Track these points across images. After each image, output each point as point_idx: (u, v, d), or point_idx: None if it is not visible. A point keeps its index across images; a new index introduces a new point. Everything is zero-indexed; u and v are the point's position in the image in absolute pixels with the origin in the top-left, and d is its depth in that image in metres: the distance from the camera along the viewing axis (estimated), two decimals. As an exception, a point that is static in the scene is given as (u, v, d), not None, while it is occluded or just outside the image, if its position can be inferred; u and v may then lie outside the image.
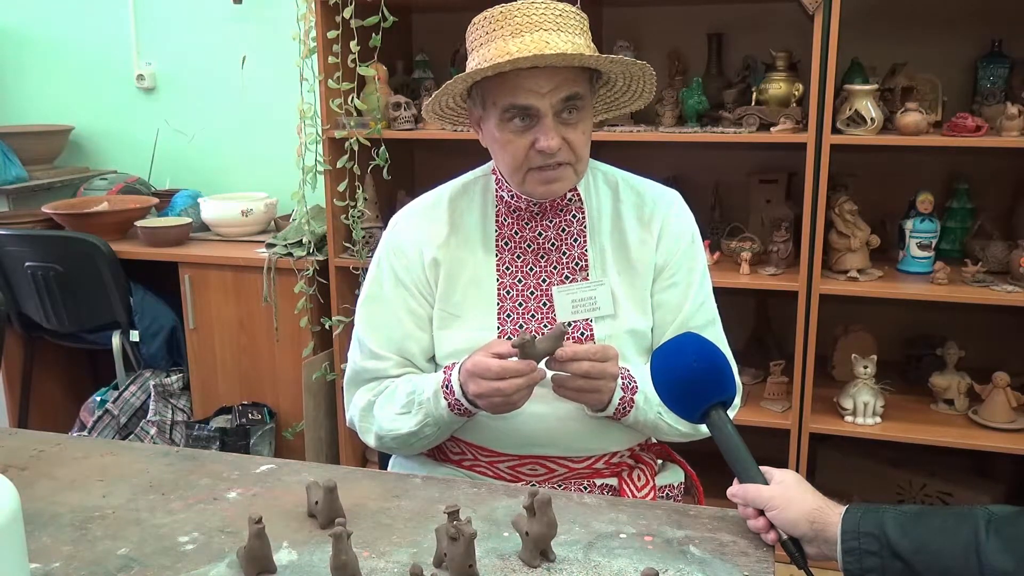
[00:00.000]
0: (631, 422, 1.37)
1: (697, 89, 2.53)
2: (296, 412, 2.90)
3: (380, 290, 1.47)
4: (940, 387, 2.51)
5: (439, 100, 1.39)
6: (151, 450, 1.45)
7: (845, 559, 1.04)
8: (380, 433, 1.43)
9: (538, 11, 1.29)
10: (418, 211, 1.50)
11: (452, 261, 1.44)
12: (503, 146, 1.35)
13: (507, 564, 1.08)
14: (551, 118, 1.30)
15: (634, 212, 1.46)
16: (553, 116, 1.31)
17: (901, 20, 2.63)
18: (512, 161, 1.35)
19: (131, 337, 2.98)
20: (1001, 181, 2.63)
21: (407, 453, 1.49)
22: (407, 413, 1.38)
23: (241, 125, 3.36)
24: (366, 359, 1.46)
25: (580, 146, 1.35)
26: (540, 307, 1.42)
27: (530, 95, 1.29)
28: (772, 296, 2.77)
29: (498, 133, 1.34)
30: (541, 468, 1.42)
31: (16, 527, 0.90)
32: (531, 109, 1.30)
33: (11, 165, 3.20)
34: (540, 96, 1.29)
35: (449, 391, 1.33)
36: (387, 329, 1.45)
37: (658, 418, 1.37)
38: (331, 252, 2.78)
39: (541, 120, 1.30)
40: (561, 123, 1.32)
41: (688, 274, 1.45)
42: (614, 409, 1.35)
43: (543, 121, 1.30)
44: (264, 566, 1.06)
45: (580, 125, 1.34)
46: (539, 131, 1.31)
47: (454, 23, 2.84)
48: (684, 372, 1.20)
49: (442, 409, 1.34)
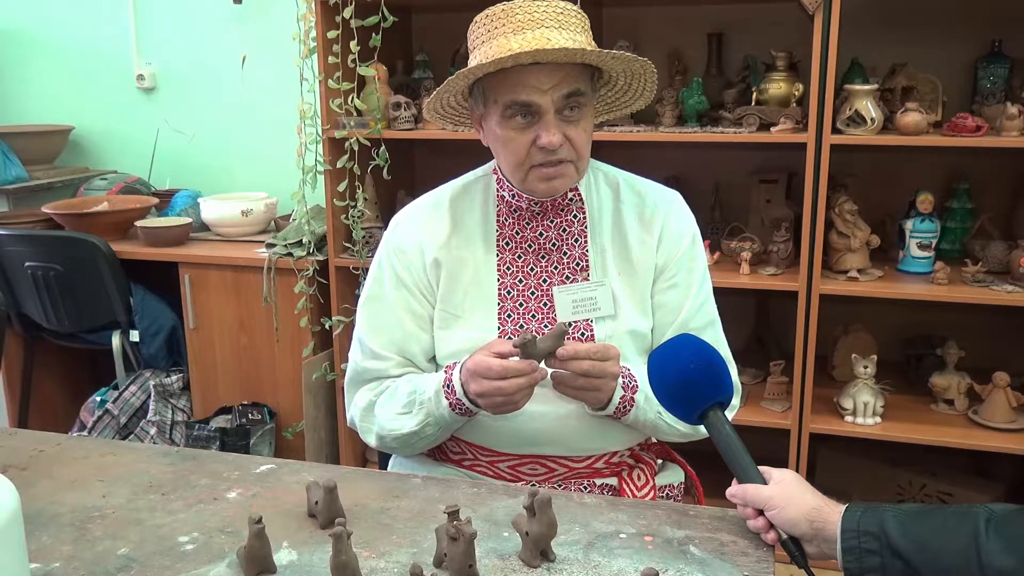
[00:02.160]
0: (631, 421, 1.37)
1: (697, 89, 2.53)
2: (296, 412, 2.90)
3: (381, 290, 1.47)
4: (940, 387, 2.51)
5: (440, 98, 1.39)
6: (151, 450, 1.45)
7: (845, 558, 1.04)
8: (381, 433, 1.43)
9: (540, 9, 1.30)
10: (419, 211, 1.50)
11: (453, 261, 1.44)
12: (505, 143, 1.35)
13: (507, 564, 1.08)
14: (553, 115, 1.30)
15: (635, 213, 1.46)
16: (555, 113, 1.31)
17: (901, 20, 2.63)
18: (514, 158, 1.35)
19: (131, 337, 2.98)
20: (1001, 181, 2.63)
21: (408, 453, 1.49)
22: (408, 413, 1.38)
23: (241, 125, 3.36)
24: (367, 359, 1.46)
25: (581, 144, 1.34)
26: (541, 307, 1.42)
27: (532, 91, 1.29)
28: (772, 296, 2.77)
29: (500, 130, 1.34)
30: (541, 468, 1.42)
31: (16, 527, 0.90)
32: (533, 106, 1.30)
33: (11, 165, 3.21)
34: (542, 93, 1.29)
35: (450, 391, 1.33)
36: (388, 329, 1.45)
37: (658, 418, 1.37)
38: (331, 252, 2.78)
39: (543, 117, 1.31)
40: (563, 120, 1.32)
41: (688, 275, 1.46)
42: (614, 408, 1.35)
43: (545, 118, 1.30)
44: (264, 566, 1.06)
45: (582, 123, 1.34)
46: (541, 128, 1.31)
47: (454, 23, 2.84)
48: (681, 373, 1.20)
49: (443, 409, 1.34)
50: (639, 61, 1.35)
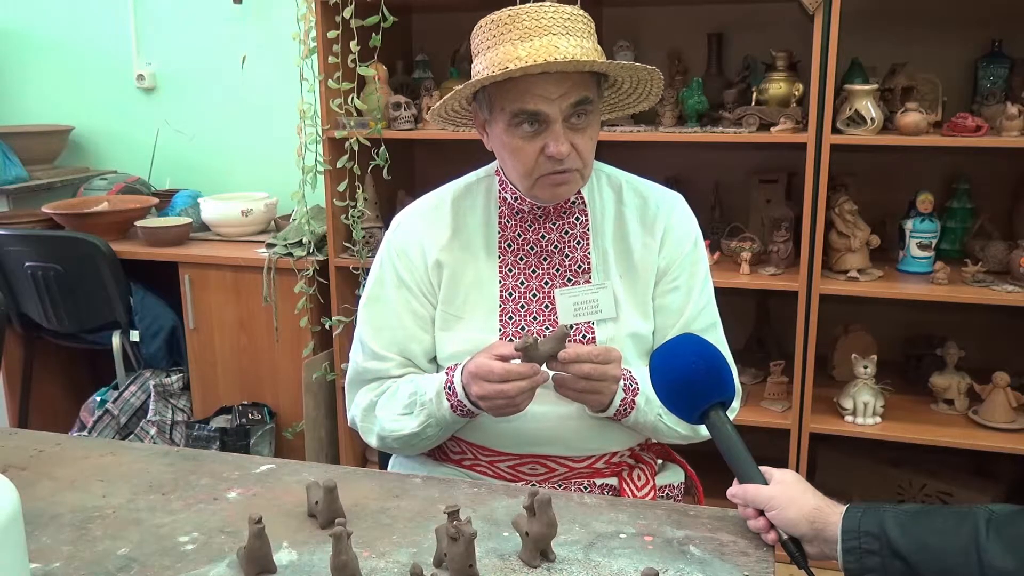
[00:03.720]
0: (631, 423, 1.38)
1: (697, 89, 2.53)
2: (296, 412, 2.90)
3: (382, 291, 1.47)
4: (940, 387, 2.51)
5: (446, 105, 1.38)
6: (151, 450, 1.45)
7: (845, 558, 1.04)
8: (382, 434, 1.43)
9: (547, 15, 1.28)
10: (421, 212, 1.50)
11: (455, 263, 1.44)
12: (512, 152, 1.34)
13: (507, 564, 1.08)
14: (560, 124, 1.30)
15: (637, 215, 1.46)
16: (563, 122, 1.30)
17: (901, 20, 2.63)
18: (522, 167, 1.34)
19: (131, 337, 2.98)
20: (1001, 181, 2.63)
21: (409, 453, 1.49)
22: (409, 414, 1.39)
23: (241, 125, 3.36)
24: (368, 360, 1.46)
25: (587, 152, 1.34)
26: (542, 309, 1.42)
27: (540, 101, 1.28)
28: (772, 296, 2.77)
29: (507, 138, 1.33)
30: (541, 467, 1.42)
31: (16, 527, 0.90)
32: (541, 115, 1.29)
33: (11, 165, 3.21)
34: (550, 102, 1.28)
35: (452, 392, 1.33)
36: (389, 330, 1.45)
37: (658, 420, 1.37)
38: (331, 252, 2.78)
39: (551, 126, 1.30)
40: (570, 128, 1.31)
41: (690, 278, 1.45)
42: (615, 411, 1.35)
43: (553, 127, 1.29)
44: (264, 566, 1.06)
45: (588, 130, 1.33)
46: (549, 137, 1.30)
47: (454, 23, 2.85)
48: (683, 372, 1.20)
49: (444, 410, 1.34)
50: (647, 70, 1.35)
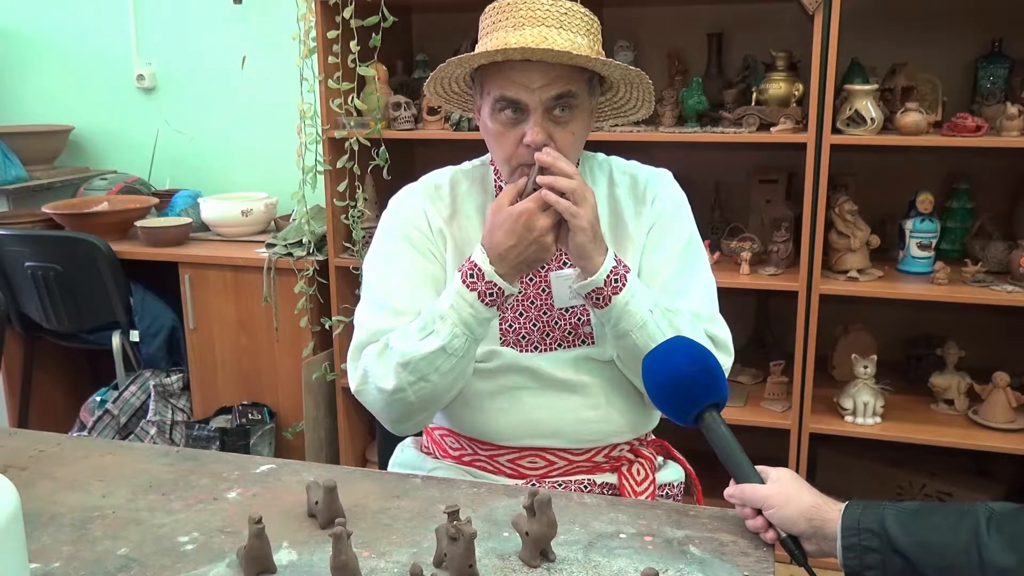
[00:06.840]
0: (620, 308, 1.30)
1: (697, 89, 2.53)
2: (296, 412, 2.90)
3: (395, 249, 1.44)
4: (940, 387, 2.51)
5: (438, 81, 1.40)
6: (151, 450, 1.45)
7: (845, 555, 1.04)
8: (403, 360, 1.32)
9: (543, 7, 1.29)
10: (421, 189, 1.51)
11: (458, 239, 1.45)
12: (495, 136, 1.36)
13: (507, 564, 1.08)
14: (540, 114, 1.30)
15: (629, 192, 1.48)
16: (543, 112, 1.30)
17: (901, 20, 2.63)
18: (502, 153, 1.36)
19: (131, 337, 2.98)
20: (1001, 181, 2.63)
21: (431, 394, 1.35)
22: (431, 333, 1.31)
23: (241, 125, 3.36)
24: (385, 316, 1.39)
25: (566, 146, 1.33)
26: (539, 293, 1.43)
27: (520, 89, 1.29)
28: (772, 296, 2.77)
29: (490, 123, 1.35)
30: (541, 460, 1.42)
31: (16, 527, 0.90)
32: (520, 103, 1.30)
33: (11, 165, 3.21)
34: (530, 91, 1.29)
35: (475, 279, 1.28)
36: (406, 289, 1.41)
37: (644, 325, 1.31)
38: (331, 252, 2.78)
39: (530, 115, 1.31)
40: (550, 120, 1.31)
41: (673, 238, 1.45)
42: (604, 277, 1.29)
43: (531, 116, 1.30)
44: (264, 566, 1.06)
45: (571, 125, 1.33)
46: (527, 125, 1.31)
47: (454, 23, 2.86)
48: (676, 376, 1.19)
49: (469, 305, 1.28)
50: (632, 71, 1.35)
